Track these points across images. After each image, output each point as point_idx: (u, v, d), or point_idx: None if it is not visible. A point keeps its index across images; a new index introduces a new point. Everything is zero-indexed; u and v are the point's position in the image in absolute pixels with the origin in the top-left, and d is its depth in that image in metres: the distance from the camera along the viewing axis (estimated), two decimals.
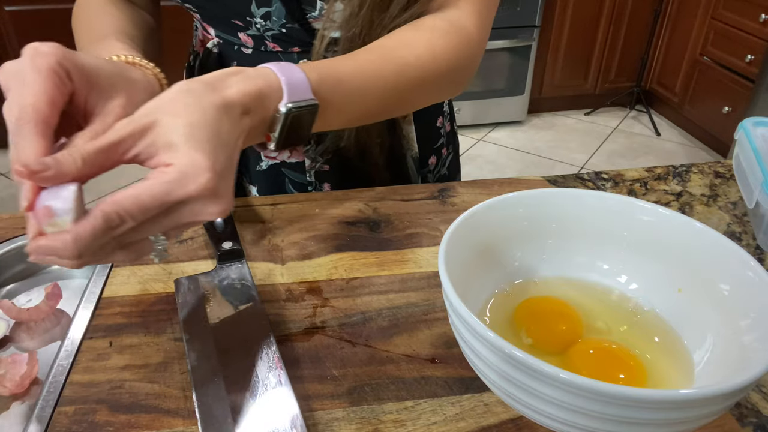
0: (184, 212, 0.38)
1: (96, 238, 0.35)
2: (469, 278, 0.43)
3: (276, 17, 0.63)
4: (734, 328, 0.39)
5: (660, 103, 3.27)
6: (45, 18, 2.45)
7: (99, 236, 0.35)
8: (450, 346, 0.47)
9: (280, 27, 0.64)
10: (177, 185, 0.36)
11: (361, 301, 0.52)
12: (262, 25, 0.64)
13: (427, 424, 0.41)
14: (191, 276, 0.53)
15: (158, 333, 0.48)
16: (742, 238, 0.63)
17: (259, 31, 0.65)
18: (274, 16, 0.63)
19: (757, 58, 2.52)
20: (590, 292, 0.48)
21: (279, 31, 0.64)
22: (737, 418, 0.42)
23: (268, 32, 0.65)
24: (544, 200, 0.48)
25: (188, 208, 0.38)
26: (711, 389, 0.30)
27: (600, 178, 0.73)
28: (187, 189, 0.36)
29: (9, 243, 0.58)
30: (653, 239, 0.46)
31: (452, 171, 0.86)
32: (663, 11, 3.05)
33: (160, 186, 0.36)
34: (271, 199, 0.66)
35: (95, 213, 0.35)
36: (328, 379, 0.44)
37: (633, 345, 0.43)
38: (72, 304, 0.53)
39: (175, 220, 0.38)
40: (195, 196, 0.37)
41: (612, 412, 0.31)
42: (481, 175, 2.66)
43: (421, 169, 0.79)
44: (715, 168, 0.77)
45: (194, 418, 0.41)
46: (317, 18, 0.63)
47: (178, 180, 0.36)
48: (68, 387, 0.43)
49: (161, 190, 0.36)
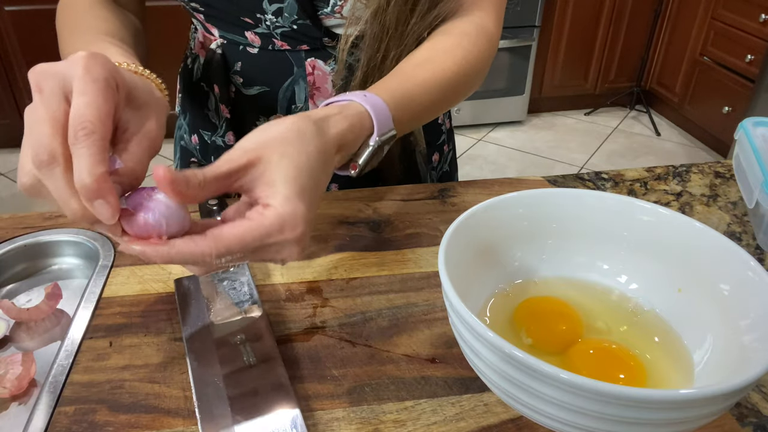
0: (270, 250, 0.40)
1: (193, 259, 0.38)
2: (469, 278, 0.43)
3: (288, 13, 0.63)
4: (734, 328, 0.39)
5: (660, 103, 3.28)
6: (45, 18, 2.45)
7: (198, 258, 0.37)
8: (450, 346, 0.47)
9: (290, 23, 0.64)
10: (277, 230, 0.39)
11: (361, 301, 0.52)
12: (273, 22, 0.64)
13: (427, 424, 0.41)
14: (191, 276, 0.53)
15: (158, 333, 0.48)
16: (742, 238, 0.63)
17: (268, 28, 0.65)
18: (286, 12, 0.63)
19: (757, 58, 2.52)
20: (590, 292, 0.48)
21: (289, 27, 0.64)
22: (737, 418, 0.42)
23: (278, 29, 0.64)
24: (544, 200, 0.48)
25: (275, 248, 0.40)
26: (711, 389, 0.30)
27: (600, 178, 0.73)
28: (285, 235, 0.39)
29: (9, 243, 0.58)
30: (653, 239, 0.46)
31: (452, 168, 0.87)
32: (663, 11, 3.05)
33: (261, 229, 0.38)
34: None
35: (204, 243, 0.37)
36: (328, 379, 0.44)
37: (633, 345, 0.43)
38: (72, 304, 0.53)
39: (260, 255, 0.40)
40: (289, 242, 0.39)
41: (612, 412, 0.31)
42: (481, 175, 2.66)
43: (426, 165, 0.79)
44: (715, 168, 0.77)
45: (194, 418, 0.41)
46: (329, 14, 0.63)
47: (279, 225, 0.39)
48: (68, 387, 0.43)
49: (262, 234, 0.38)
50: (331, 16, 0.63)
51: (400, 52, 0.61)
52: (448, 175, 0.86)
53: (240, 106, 0.72)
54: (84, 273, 0.59)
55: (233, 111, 0.73)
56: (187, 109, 0.78)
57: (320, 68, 0.68)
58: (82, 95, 0.37)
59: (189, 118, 0.78)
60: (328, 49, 0.67)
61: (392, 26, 0.59)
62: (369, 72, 0.62)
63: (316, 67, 0.68)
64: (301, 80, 0.69)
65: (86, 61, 0.39)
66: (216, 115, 0.73)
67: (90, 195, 0.36)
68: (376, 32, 0.60)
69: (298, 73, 0.68)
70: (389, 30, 0.60)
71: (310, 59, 0.67)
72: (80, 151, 0.36)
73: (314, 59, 0.67)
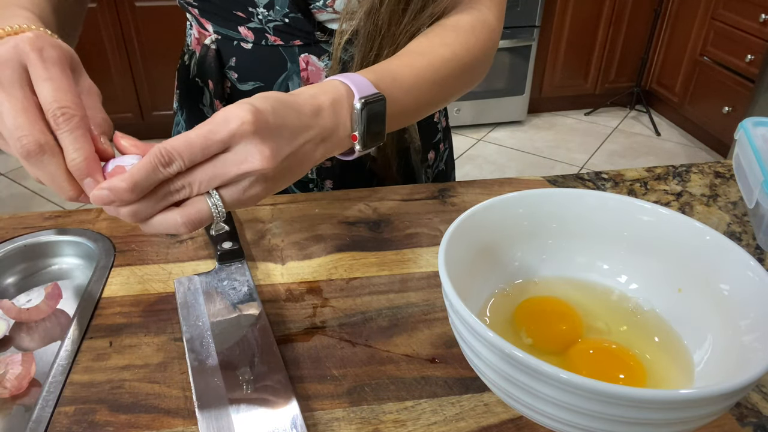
0: (228, 160, 0.40)
1: (149, 174, 0.38)
2: (469, 278, 0.43)
3: (279, 6, 0.63)
4: (734, 328, 0.39)
5: (660, 103, 3.27)
6: None
7: (151, 173, 0.38)
8: (450, 346, 0.47)
9: (282, 17, 0.64)
10: (221, 125, 0.39)
11: (361, 301, 0.52)
12: (264, 16, 0.64)
13: (427, 424, 0.41)
14: (191, 276, 0.53)
15: (158, 333, 0.48)
16: (742, 238, 0.63)
17: (261, 22, 0.65)
18: (277, 5, 0.63)
19: (757, 58, 2.52)
20: (590, 292, 0.48)
21: (282, 21, 0.64)
22: (737, 418, 0.42)
23: (270, 23, 0.64)
24: (544, 200, 0.48)
25: (231, 155, 0.40)
26: (711, 389, 0.30)
27: (600, 178, 0.73)
28: (229, 126, 0.39)
29: (9, 243, 0.58)
30: (653, 239, 0.46)
31: (449, 167, 0.87)
32: (663, 11, 3.05)
33: (204, 125, 0.39)
34: (270, 199, 0.66)
35: (148, 152, 0.38)
36: (328, 379, 0.44)
37: (633, 345, 0.43)
38: (72, 304, 0.53)
39: (221, 169, 0.40)
40: (237, 136, 0.39)
41: (612, 412, 0.31)
42: (481, 175, 2.66)
43: (421, 163, 0.79)
44: (715, 168, 0.77)
45: (194, 418, 0.41)
46: (321, 8, 0.63)
47: (222, 120, 0.39)
48: (68, 387, 0.43)
49: (205, 129, 0.39)
50: (323, 10, 0.63)
51: (394, 50, 0.61)
52: (444, 174, 0.85)
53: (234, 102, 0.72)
54: (84, 273, 0.59)
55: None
56: (184, 106, 0.78)
57: (314, 64, 0.68)
58: (46, 81, 0.39)
59: (186, 114, 0.78)
60: (322, 44, 0.67)
61: (385, 25, 0.59)
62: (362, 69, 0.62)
63: (310, 63, 0.68)
64: (294, 76, 0.68)
65: (35, 43, 0.40)
66: (211, 111, 0.73)
67: (82, 174, 0.39)
68: (369, 30, 0.60)
69: (291, 68, 0.68)
70: (382, 29, 0.60)
71: (303, 55, 0.67)
72: (67, 135, 0.39)
73: (308, 55, 0.67)
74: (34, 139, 0.39)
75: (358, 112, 0.48)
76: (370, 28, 0.60)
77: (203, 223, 0.41)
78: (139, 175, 0.38)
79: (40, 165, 0.39)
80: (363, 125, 0.49)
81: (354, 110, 0.48)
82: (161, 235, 0.59)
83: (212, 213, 0.41)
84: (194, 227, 0.41)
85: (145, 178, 0.38)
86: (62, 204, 2.37)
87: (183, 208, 0.40)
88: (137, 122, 2.85)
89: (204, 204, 0.40)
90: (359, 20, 0.60)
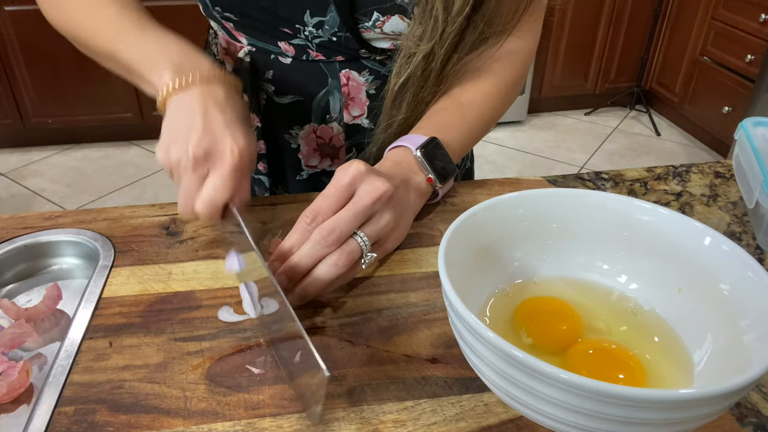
0: (359, 196, 0.49)
1: (302, 232, 0.49)
2: (469, 278, 0.43)
3: (328, 26, 0.63)
4: (734, 328, 0.39)
5: (660, 103, 3.28)
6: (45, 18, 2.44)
7: (305, 231, 0.49)
8: (450, 346, 0.47)
9: (330, 36, 0.64)
10: (341, 176, 0.50)
11: (361, 301, 0.52)
12: (312, 33, 0.64)
13: (427, 424, 0.41)
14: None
15: (158, 333, 0.48)
16: (742, 238, 0.63)
17: (306, 39, 0.64)
18: (327, 25, 0.63)
19: (757, 58, 2.52)
20: (590, 292, 0.48)
21: (328, 39, 0.64)
22: (737, 418, 0.42)
23: (316, 40, 0.64)
24: (544, 200, 0.48)
25: (360, 191, 0.49)
26: (711, 389, 0.30)
27: (600, 178, 0.73)
28: (348, 172, 0.49)
29: (9, 243, 0.58)
30: (653, 239, 0.46)
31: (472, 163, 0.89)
32: (663, 11, 3.05)
33: (329, 185, 0.50)
34: (270, 199, 0.66)
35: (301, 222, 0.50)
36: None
37: (633, 345, 0.43)
38: (72, 304, 0.53)
39: (358, 204, 0.49)
40: (357, 177, 0.50)
41: (612, 412, 0.31)
42: (481, 175, 2.66)
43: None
44: (715, 168, 0.77)
45: (194, 418, 0.41)
46: (369, 28, 0.63)
47: (341, 174, 0.50)
48: (68, 387, 0.43)
49: (331, 183, 0.50)
50: (371, 30, 0.63)
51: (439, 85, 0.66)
52: (470, 171, 0.87)
53: (271, 115, 0.72)
54: (84, 273, 0.59)
55: (264, 119, 0.72)
56: None
57: (354, 79, 0.68)
58: (219, 179, 0.50)
59: None
60: (363, 60, 0.67)
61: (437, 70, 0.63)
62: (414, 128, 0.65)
63: (351, 78, 0.68)
64: (335, 91, 0.68)
65: (237, 161, 0.50)
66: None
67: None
68: (423, 71, 0.63)
69: (332, 84, 0.68)
70: (432, 73, 0.63)
71: (344, 70, 0.67)
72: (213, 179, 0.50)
73: (348, 70, 0.67)
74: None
75: (420, 158, 0.58)
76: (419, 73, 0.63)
77: (355, 255, 0.49)
78: (295, 235, 0.49)
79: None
80: (429, 165, 0.58)
81: (417, 159, 0.58)
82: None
83: (360, 246, 0.49)
84: (350, 261, 0.49)
85: (300, 234, 0.49)
86: (62, 204, 2.37)
87: (339, 251, 0.48)
88: (137, 122, 2.84)
89: (355, 246, 0.49)
90: (416, 66, 0.61)
